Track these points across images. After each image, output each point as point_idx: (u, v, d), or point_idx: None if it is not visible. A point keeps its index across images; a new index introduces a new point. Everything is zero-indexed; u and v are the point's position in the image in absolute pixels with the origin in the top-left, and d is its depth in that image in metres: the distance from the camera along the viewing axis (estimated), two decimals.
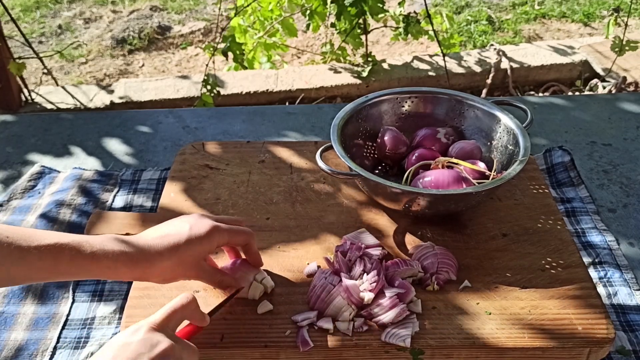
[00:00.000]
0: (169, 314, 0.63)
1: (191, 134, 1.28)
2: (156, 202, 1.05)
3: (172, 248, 0.68)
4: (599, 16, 3.24)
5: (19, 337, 0.82)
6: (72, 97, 2.35)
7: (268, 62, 2.55)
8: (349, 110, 0.95)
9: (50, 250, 0.62)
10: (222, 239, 0.71)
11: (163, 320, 0.62)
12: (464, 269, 0.81)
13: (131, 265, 0.66)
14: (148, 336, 0.59)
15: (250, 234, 0.76)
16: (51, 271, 0.63)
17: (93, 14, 3.53)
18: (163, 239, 0.68)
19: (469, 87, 2.47)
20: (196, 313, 0.67)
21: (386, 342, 0.71)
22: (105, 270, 0.65)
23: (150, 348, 0.58)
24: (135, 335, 0.59)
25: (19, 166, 1.20)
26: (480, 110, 0.98)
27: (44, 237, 0.63)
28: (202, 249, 0.70)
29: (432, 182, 0.86)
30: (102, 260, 0.64)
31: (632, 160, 1.17)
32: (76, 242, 0.64)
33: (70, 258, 0.63)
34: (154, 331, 0.60)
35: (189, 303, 0.65)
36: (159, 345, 0.59)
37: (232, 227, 0.73)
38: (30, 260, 0.61)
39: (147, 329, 0.60)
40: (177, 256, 0.68)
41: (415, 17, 2.27)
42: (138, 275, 0.67)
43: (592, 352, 0.71)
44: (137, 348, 0.58)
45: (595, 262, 0.93)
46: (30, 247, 0.61)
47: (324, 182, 0.98)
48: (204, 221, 0.71)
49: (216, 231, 0.71)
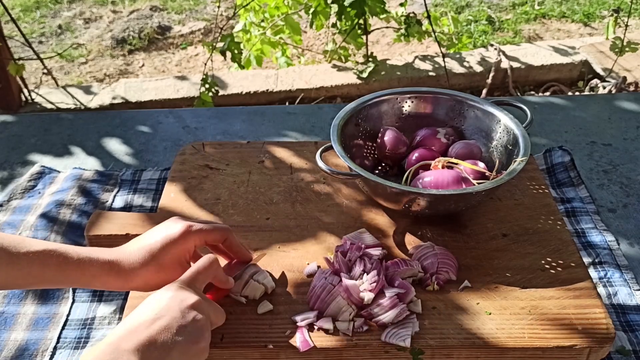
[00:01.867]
0: (194, 274, 0.67)
1: (191, 134, 1.28)
2: (156, 202, 1.05)
3: (149, 255, 0.70)
4: (599, 16, 3.24)
5: (19, 337, 0.82)
6: (72, 97, 2.36)
7: (283, 55, 2.54)
8: (349, 110, 0.95)
9: (39, 256, 0.65)
10: (197, 237, 0.73)
11: (190, 279, 0.67)
12: (464, 269, 0.81)
13: (114, 275, 0.68)
14: (177, 293, 0.64)
15: (226, 230, 0.77)
16: (38, 277, 0.66)
17: (93, 14, 3.53)
18: (140, 249, 0.71)
19: (469, 87, 2.47)
20: (219, 274, 0.71)
21: (386, 342, 0.71)
22: (90, 279, 0.68)
23: (180, 301, 0.63)
24: (166, 293, 0.64)
25: (19, 166, 1.20)
26: (480, 110, 0.98)
27: (33, 244, 0.66)
28: (178, 251, 0.71)
29: (432, 182, 0.86)
30: (87, 269, 0.67)
31: (632, 160, 1.17)
32: (63, 250, 0.67)
33: (57, 264, 0.66)
34: (182, 288, 0.65)
35: (212, 263, 0.70)
36: (188, 298, 0.63)
37: (206, 225, 0.75)
38: (19, 266, 0.65)
39: (176, 287, 0.65)
40: (154, 261, 0.70)
41: (415, 17, 2.27)
42: (121, 284, 0.70)
43: (592, 352, 0.71)
44: (169, 302, 0.62)
45: (595, 262, 0.93)
46: (20, 253, 0.65)
47: (324, 182, 0.98)
48: (177, 223, 0.73)
49: (190, 231, 0.72)
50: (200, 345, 0.62)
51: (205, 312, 0.64)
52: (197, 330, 0.62)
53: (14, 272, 0.65)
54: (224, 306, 0.71)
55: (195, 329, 0.62)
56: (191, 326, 0.62)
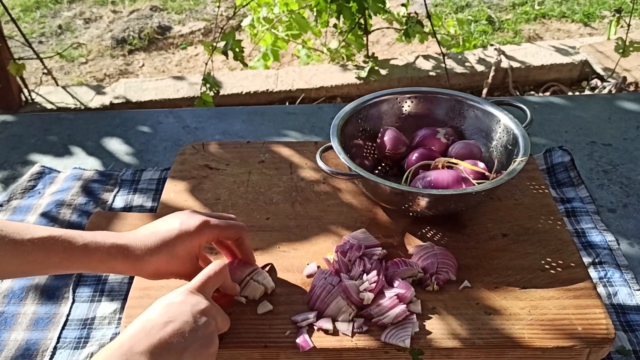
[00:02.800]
0: (205, 279, 0.67)
1: (191, 134, 1.28)
2: (156, 202, 1.05)
3: (162, 243, 0.69)
4: (599, 16, 3.24)
5: (19, 337, 0.82)
6: (72, 97, 2.35)
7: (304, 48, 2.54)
8: (348, 110, 0.95)
9: (44, 242, 0.64)
10: (212, 232, 0.72)
11: (201, 285, 0.66)
12: (464, 269, 0.81)
13: (122, 259, 0.67)
14: (188, 297, 0.64)
15: (242, 228, 0.76)
16: (44, 263, 0.65)
17: (93, 14, 3.53)
18: (154, 235, 0.70)
19: (469, 87, 2.47)
20: (228, 280, 0.71)
21: (386, 343, 0.71)
22: (96, 264, 0.67)
23: (191, 306, 0.63)
24: (176, 297, 0.64)
25: (19, 166, 1.20)
26: (480, 110, 0.98)
27: (38, 231, 0.65)
28: (193, 244, 0.71)
29: (432, 182, 0.86)
30: (93, 253, 0.66)
31: (632, 160, 1.17)
32: (69, 235, 0.66)
33: (63, 250, 0.65)
34: (192, 293, 0.65)
35: (222, 269, 0.69)
36: (199, 304, 0.63)
37: (222, 221, 0.74)
38: (23, 253, 0.64)
39: (187, 292, 0.64)
40: (167, 250, 0.69)
41: (415, 17, 2.27)
42: (128, 268, 0.69)
43: (592, 352, 0.71)
44: (180, 306, 0.62)
45: (595, 262, 0.93)
46: (24, 240, 0.64)
47: (324, 182, 0.98)
48: (195, 216, 0.72)
49: (206, 225, 0.72)
50: (210, 350, 0.62)
51: (216, 317, 0.65)
52: (208, 335, 0.62)
53: (19, 260, 0.64)
54: (223, 306, 0.71)
55: (206, 334, 0.62)
56: (202, 331, 0.61)
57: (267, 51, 2.45)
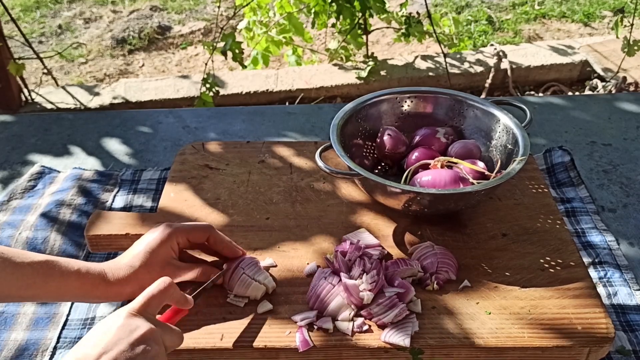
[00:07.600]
0: (147, 299, 0.65)
1: (191, 134, 1.28)
2: (156, 202, 1.05)
3: (138, 258, 0.73)
4: (599, 16, 3.24)
5: (19, 337, 0.82)
6: (72, 97, 2.35)
7: (294, 54, 2.54)
8: (348, 110, 0.95)
9: (42, 267, 0.67)
10: (179, 235, 0.75)
11: (141, 306, 0.64)
12: (464, 268, 0.81)
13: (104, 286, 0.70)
14: (127, 322, 0.61)
15: (207, 227, 0.78)
16: (42, 288, 0.67)
17: (93, 14, 3.53)
18: (132, 255, 0.74)
19: (469, 87, 2.47)
20: (176, 296, 0.69)
21: (386, 342, 0.71)
22: (90, 288, 0.70)
23: (129, 333, 0.60)
24: (115, 322, 0.61)
25: (19, 166, 1.20)
26: (479, 110, 0.98)
27: (35, 256, 0.68)
28: (164, 250, 0.74)
29: (431, 181, 0.86)
30: (86, 278, 0.69)
31: (632, 160, 1.17)
32: (63, 261, 0.69)
33: (60, 274, 0.68)
34: (132, 316, 0.62)
35: (167, 287, 0.67)
36: (137, 329, 0.60)
37: (187, 224, 0.77)
38: (23, 276, 0.66)
39: (125, 315, 0.62)
40: (143, 263, 0.72)
41: (415, 18, 2.27)
42: (115, 293, 0.71)
43: (591, 351, 0.71)
44: (117, 333, 0.59)
45: (595, 262, 0.93)
46: (24, 263, 0.66)
47: (323, 182, 0.98)
48: (161, 227, 0.76)
49: (172, 231, 0.75)
50: None
51: (158, 340, 0.62)
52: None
53: (18, 282, 0.65)
54: (223, 307, 0.70)
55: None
56: (140, 359, 0.59)
57: (257, 56, 2.46)
